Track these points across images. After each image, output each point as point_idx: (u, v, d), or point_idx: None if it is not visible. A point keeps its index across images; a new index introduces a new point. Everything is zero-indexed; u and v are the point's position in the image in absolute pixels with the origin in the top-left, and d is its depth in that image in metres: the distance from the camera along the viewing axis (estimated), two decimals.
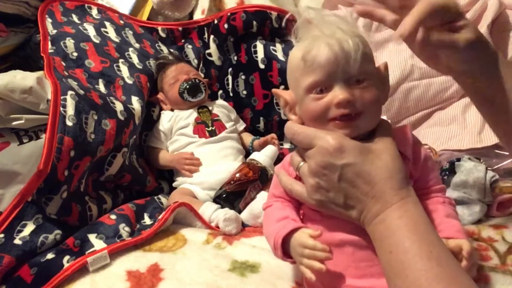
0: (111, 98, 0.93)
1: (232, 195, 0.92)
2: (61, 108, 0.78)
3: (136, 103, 0.99)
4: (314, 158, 0.51)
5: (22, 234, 0.71)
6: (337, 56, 0.50)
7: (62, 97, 0.80)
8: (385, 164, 0.50)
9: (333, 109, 0.51)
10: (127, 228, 0.77)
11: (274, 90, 0.59)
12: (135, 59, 1.10)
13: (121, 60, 1.07)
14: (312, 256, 0.51)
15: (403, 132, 0.56)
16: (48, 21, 1.07)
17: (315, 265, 0.51)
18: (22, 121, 0.83)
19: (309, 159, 0.52)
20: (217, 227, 0.83)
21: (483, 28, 1.19)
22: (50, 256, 0.69)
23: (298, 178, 0.57)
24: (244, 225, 0.86)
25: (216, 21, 1.22)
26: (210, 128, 1.09)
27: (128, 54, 1.10)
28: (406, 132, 0.56)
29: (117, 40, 1.12)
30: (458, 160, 0.94)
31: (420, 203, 0.50)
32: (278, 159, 1.07)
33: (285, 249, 0.55)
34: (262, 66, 1.18)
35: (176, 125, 1.09)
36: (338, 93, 0.50)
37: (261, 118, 1.21)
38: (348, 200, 0.50)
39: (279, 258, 0.57)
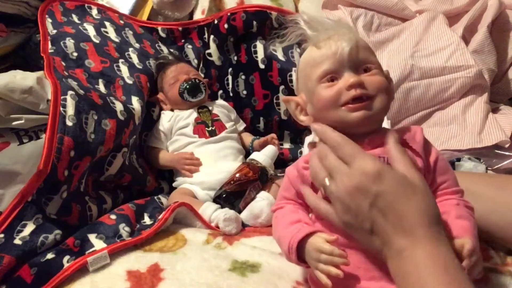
0: (111, 98, 0.93)
1: (232, 195, 0.92)
2: (61, 108, 0.78)
3: (136, 103, 0.99)
4: (350, 177, 0.49)
5: (22, 234, 0.71)
6: (343, 46, 0.54)
7: (62, 97, 0.80)
8: (419, 200, 0.48)
9: (344, 93, 0.53)
10: (127, 228, 0.77)
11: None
12: (135, 59, 1.10)
13: (121, 60, 1.07)
14: (329, 261, 0.50)
15: (413, 130, 0.56)
16: (48, 21, 1.07)
17: (332, 271, 0.50)
18: (22, 121, 0.83)
19: (343, 177, 0.50)
20: (217, 227, 0.83)
21: (483, 28, 1.19)
22: (50, 256, 0.69)
23: (313, 185, 0.56)
24: (244, 225, 0.86)
25: (216, 21, 1.22)
26: (210, 128, 1.09)
27: (128, 54, 1.10)
28: (416, 131, 0.56)
29: (117, 40, 1.12)
30: (458, 160, 0.95)
31: (449, 242, 0.48)
32: (278, 159, 1.07)
33: (298, 253, 0.54)
34: (262, 66, 1.18)
35: (176, 125, 1.09)
36: (348, 78, 0.53)
37: (261, 118, 1.21)
38: (374, 228, 0.49)
39: (293, 262, 0.56)
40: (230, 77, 1.23)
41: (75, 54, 1.01)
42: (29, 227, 0.72)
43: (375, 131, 0.56)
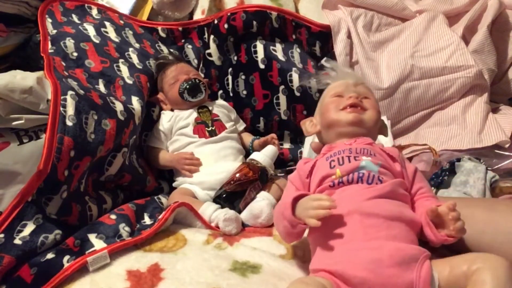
0: (111, 98, 0.93)
1: (232, 195, 0.92)
2: (61, 108, 0.78)
3: (136, 103, 0.99)
4: None
5: (22, 234, 0.71)
6: (350, 80, 0.76)
7: (62, 97, 0.80)
8: None
9: (344, 101, 0.72)
10: (127, 228, 0.77)
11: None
12: (135, 59, 1.10)
13: (121, 60, 1.07)
14: (318, 205, 0.58)
15: (392, 148, 0.71)
16: (48, 21, 1.07)
17: (320, 212, 0.57)
18: (22, 121, 0.83)
19: None
20: (217, 227, 0.83)
21: (483, 28, 1.19)
22: (50, 256, 0.69)
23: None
24: (244, 225, 0.86)
25: (216, 21, 1.22)
26: (210, 128, 1.09)
27: (128, 54, 1.10)
28: (394, 148, 0.70)
29: (117, 40, 1.12)
30: (458, 160, 0.94)
31: None
32: (278, 159, 1.07)
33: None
34: (262, 66, 1.18)
35: (176, 125, 1.09)
36: (349, 94, 0.73)
37: (261, 118, 1.21)
38: None
39: (287, 219, 0.61)
40: (230, 77, 1.23)
41: (75, 54, 1.01)
42: (29, 227, 0.72)
43: (365, 136, 0.70)
